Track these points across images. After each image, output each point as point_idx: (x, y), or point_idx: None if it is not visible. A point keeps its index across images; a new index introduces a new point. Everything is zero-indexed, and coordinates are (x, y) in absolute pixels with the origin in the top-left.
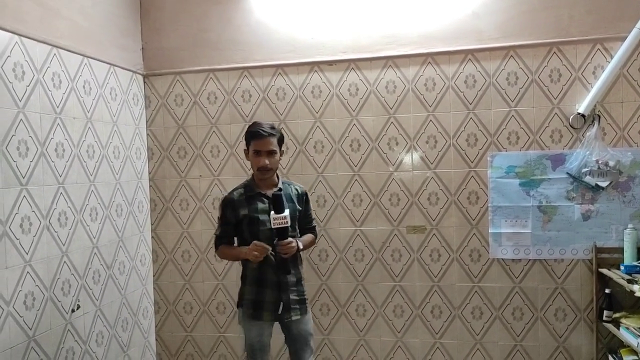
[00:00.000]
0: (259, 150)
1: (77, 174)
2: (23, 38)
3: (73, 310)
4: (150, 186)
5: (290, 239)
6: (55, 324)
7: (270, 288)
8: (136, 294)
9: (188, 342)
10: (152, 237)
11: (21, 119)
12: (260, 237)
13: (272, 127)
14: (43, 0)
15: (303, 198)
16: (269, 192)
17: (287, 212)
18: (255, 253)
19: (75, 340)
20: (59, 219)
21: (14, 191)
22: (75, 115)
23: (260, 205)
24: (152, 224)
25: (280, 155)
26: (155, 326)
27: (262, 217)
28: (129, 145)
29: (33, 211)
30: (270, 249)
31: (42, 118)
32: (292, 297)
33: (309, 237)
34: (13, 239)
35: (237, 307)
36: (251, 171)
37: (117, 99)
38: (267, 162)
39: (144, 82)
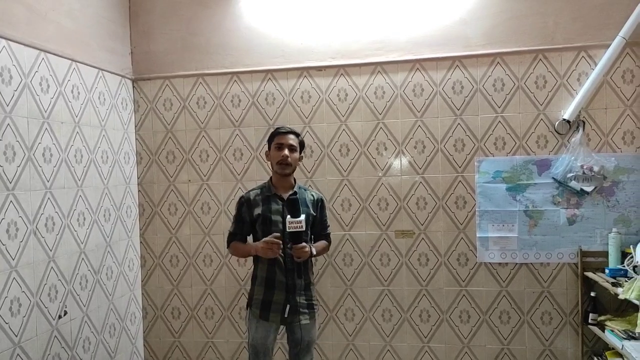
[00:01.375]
0: (280, 144)
1: (65, 178)
2: (10, 42)
3: (60, 316)
4: (138, 191)
5: (304, 243)
6: (41, 330)
7: (279, 290)
8: (124, 299)
9: (176, 348)
10: (141, 242)
11: (8, 124)
12: None
13: (294, 130)
14: (30, 3)
15: (318, 204)
16: (285, 195)
17: (302, 217)
18: (269, 251)
19: (62, 347)
20: (46, 224)
21: (0, 196)
22: (63, 120)
23: (275, 206)
24: (140, 229)
25: (300, 159)
26: (143, 332)
27: (275, 217)
28: (117, 149)
29: (20, 216)
30: (280, 243)
31: (30, 122)
32: (300, 300)
33: (323, 243)
34: None
35: (247, 307)
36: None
37: (106, 103)
38: (287, 153)
39: (133, 87)
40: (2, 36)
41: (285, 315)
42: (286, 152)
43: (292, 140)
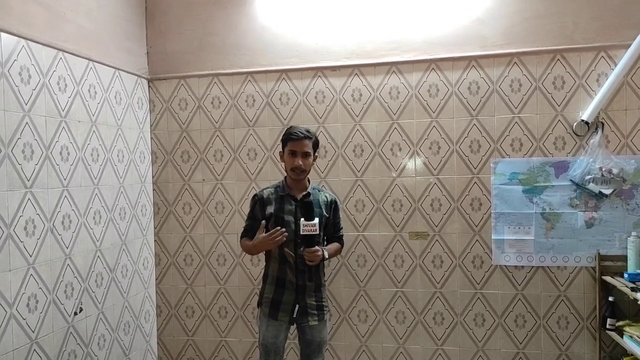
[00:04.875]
0: (294, 151)
1: (82, 177)
2: (29, 42)
3: (76, 313)
4: (153, 190)
5: (317, 247)
6: (57, 326)
7: (289, 290)
8: (138, 297)
9: (189, 346)
10: (155, 240)
11: (27, 122)
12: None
13: (308, 131)
14: (49, 3)
15: (332, 206)
16: (299, 195)
17: (316, 220)
18: (271, 242)
19: (78, 343)
20: (62, 222)
21: (18, 194)
22: (80, 119)
23: (288, 207)
24: (155, 228)
25: (314, 159)
26: (157, 330)
27: (288, 217)
28: (133, 148)
29: (37, 214)
30: (284, 230)
31: (48, 121)
32: (310, 301)
33: (335, 245)
34: (17, 242)
35: (257, 305)
36: (280, 173)
37: (122, 102)
38: (300, 162)
39: (149, 86)
40: (21, 36)
41: (294, 316)
42: (299, 161)
43: (306, 147)
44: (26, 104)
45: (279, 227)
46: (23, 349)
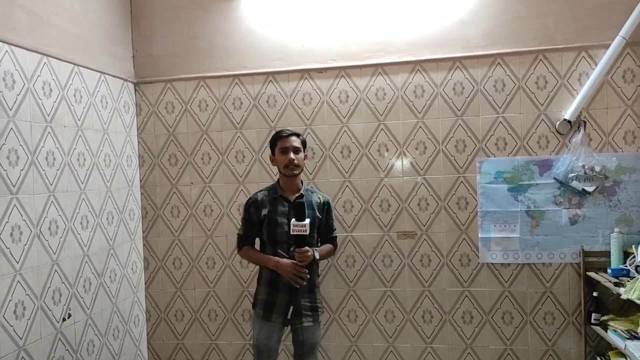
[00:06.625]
0: (285, 148)
1: (68, 182)
2: (13, 47)
3: (64, 319)
4: (141, 194)
5: (306, 247)
6: (45, 333)
7: (283, 291)
8: (127, 302)
9: (180, 350)
10: (144, 244)
11: (11, 128)
12: (277, 239)
13: (295, 132)
14: (33, 8)
15: (324, 207)
16: (292, 197)
17: (307, 221)
18: (293, 277)
19: (66, 350)
20: (49, 228)
21: (4, 200)
22: (65, 124)
23: (281, 209)
24: (143, 232)
25: (304, 158)
26: (147, 334)
27: (281, 219)
28: (119, 153)
29: (23, 220)
30: (307, 275)
31: (33, 127)
32: (304, 303)
33: (327, 247)
34: (3, 248)
35: (252, 307)
36: (272, 174)
37: (108, 106)
38: (293, 157)
39: (135, 90)
40: (4, 41)
41: (288, 317)
42: (292, 155)
43: (295, 142)
44: (10, 110)
45: (306, 269)
46: (11, 357)
